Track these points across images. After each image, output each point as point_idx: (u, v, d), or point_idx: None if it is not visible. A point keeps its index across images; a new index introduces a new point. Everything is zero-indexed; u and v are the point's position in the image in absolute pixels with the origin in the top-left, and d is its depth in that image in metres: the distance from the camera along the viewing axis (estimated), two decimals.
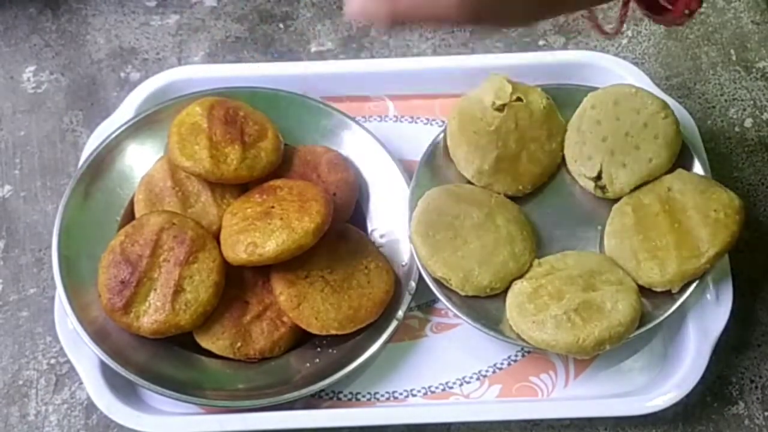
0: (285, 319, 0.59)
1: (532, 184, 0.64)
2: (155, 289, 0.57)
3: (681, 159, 0.62)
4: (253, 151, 0.62)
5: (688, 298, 0.58)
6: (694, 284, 0.58)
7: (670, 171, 0.61)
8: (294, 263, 0.59)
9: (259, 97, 0.66)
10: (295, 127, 0.66)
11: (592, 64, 0.68)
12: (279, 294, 0.59)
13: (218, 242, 0.60)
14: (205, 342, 0.59)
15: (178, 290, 0.57)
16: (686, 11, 0.45)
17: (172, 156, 0.61)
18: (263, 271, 0.60)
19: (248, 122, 0.63)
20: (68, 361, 0.60)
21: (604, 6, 0.44)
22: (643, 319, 0.57)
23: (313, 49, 0.75)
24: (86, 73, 0.74)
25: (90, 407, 0.61)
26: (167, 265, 0.58)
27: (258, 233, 0.58)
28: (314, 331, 0.58)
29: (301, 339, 0.61)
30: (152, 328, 0.57)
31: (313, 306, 0.58)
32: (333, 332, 0.58)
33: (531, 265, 0.60)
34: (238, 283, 0.60)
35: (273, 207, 0.59)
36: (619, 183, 0.62)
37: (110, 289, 0.57)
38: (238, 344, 0.59)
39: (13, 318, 0.64)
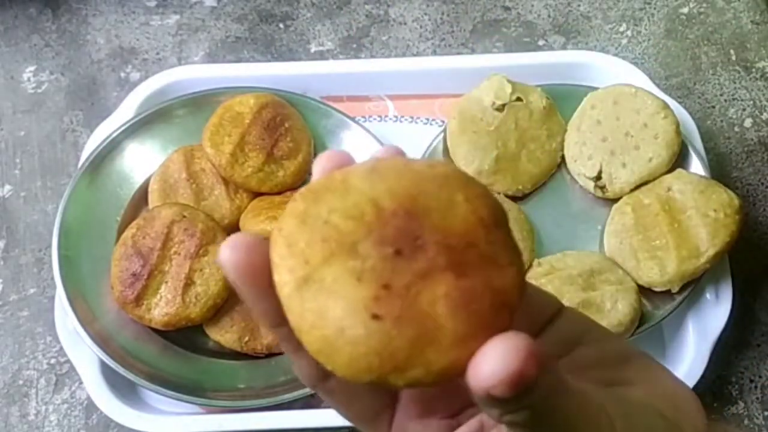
0: None
1: (531, 183, 0.64)
2: (166, 282, 0.58)
3: (681, 159, 0.62)
4: (274, 166, 0.62)
5: (687, 297, 0.58)
6: (694, 284, 0.58)
7: (670, 171, 0.61)
8: None
9: None
10: None
11: (592, 64, 0.68)
12: None
13: (229, 235, 0.60)
14: (213, 334, 0.59)
15: (188, 283, 0.58)
16: None
17: (204, 134, 0.62)
18: None
19: (287, 136, 0.63)
20: (68, 361, 0.60)
21: (604, 6, 0.42)
22: (642, 318, 0.57)
23: (313, 49, 0.75)
24: (86, 73, 0.74)
25: (90, 407, 0.61)
26: (178, 258, 0.58)
27: (281, 211, 0.58)
28: None
29: None
30: (164, 320, 0.57)
31: None
32: None
33: (531, 265, 0.60)
34: None
35: None
36: (619, 183, 0.62)
37: (122, 282, 0.58)
38: (246, 338, 0.59)
39: (13, 318, 0.64)
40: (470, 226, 0.23)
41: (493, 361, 0.21)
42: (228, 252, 0.24)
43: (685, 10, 0.77)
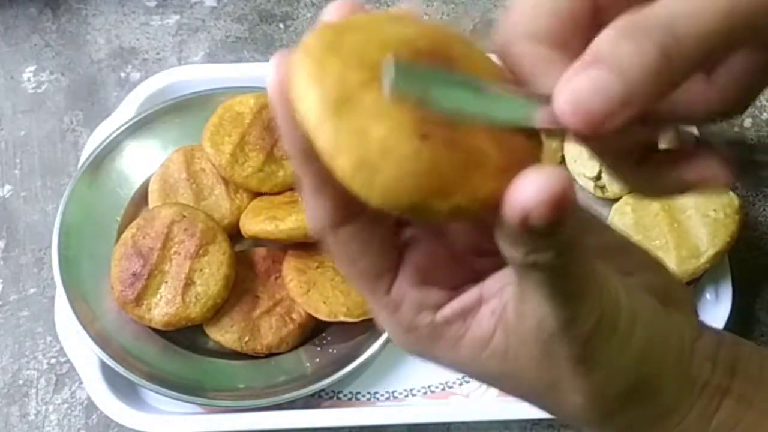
0: (294, 315, 0.59)
1: None
2: (166, 282, 0.58)
3: None
4: (274, 166, 0.62)
5: None
6: (694, 284, 0.58)
7: None
8: (306, 254, 0.59)
9: None
10: None
11: None
12: (289, 281, 0.59)
13: (229, 236, 0.60)
14: (213, 334, 0.59)
15: (188, 283, 0.58)
16: None
17: (204, 134, 0.62)
18: (276, 265, 0.61)
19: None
20: (68, 361, 0.60)
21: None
22: None
23: None
24: (86, 73, 0.74)
25: (90, 407, 0.61)
26: (178, 258, 0.58)
27: (281, 211, 0.59)
28: (322, 316, 0.58)
29: (307, 337, 0.61)
30: (164, 320, 0.57)
31: (322, 292, 0.58)
32: (341, 318, 0.58)
33: None
34: (251, 278, 0.61)
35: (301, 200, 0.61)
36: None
37: (122, 282, 0.58)
38: (246, 338, 0.59)
39: (13, 318, 0.64)
40: (494, 76, 0.24)
41: (537, 183, 0.21)
42: (273, 67, 0.23)
43: None
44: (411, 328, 0.28)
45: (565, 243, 0.23)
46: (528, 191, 0.21)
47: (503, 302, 0.27)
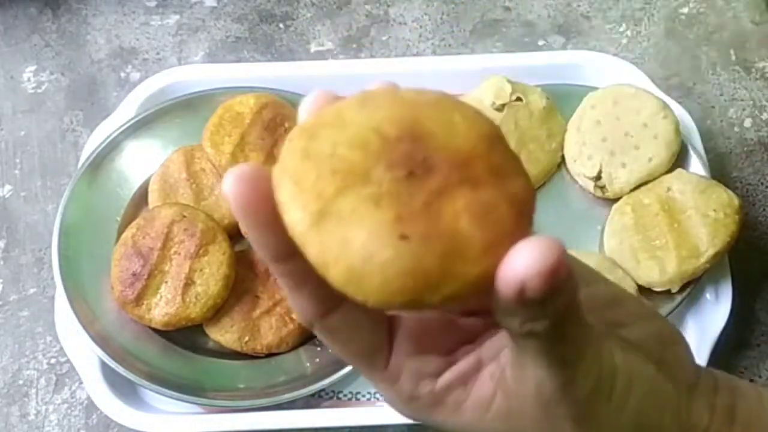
0: (294, 315, 0.59)
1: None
2: (166, 282, 0.58)
3: (680, 159, 0.62)
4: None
5: (687, 297, 0.58)
6: (694, 284, 0.58)
7: (670, 171, 0.61)
8: None
9: None
10: None
11: (592, 64, 0.68)
12: None
13: (229, 236, 0.60)
14: (213, 334, 0.59)
15: (188, 283, 0.58)
16: None
17: (204, 134, 0.62)
18: None
19: (287, 136, 0.63)
20: (68, 361, 0.60)
21: (604, 6, 0.41)
22: None
23: (313, 49, 0.75)
24: (86, 73, 0.74)
25: (90, 407, 0.61)
26: (178, 257, 0.58)
27: None
28: None
29: (307, 337, 0.61)
30: (164, 320, 0.58)
31: None
32: None
33: None
34: (251, 278, 0.61)
35: None
36: (619, 183, 0.62)
37: (122, 282, 0.58)
38: (246, 338, 0.59)
39: (13, 318, 0.64)
40: (473, 142, 0.24)
41: (529, 256, 0.21)
42: (232, 183, 0.23)
43: (685, 10, 0.77)
44: (412, 397, 0.28)
45: (560, 309, 0.23)
46: (520, 265, 0.21)
47: (501, 366, 0.27)
